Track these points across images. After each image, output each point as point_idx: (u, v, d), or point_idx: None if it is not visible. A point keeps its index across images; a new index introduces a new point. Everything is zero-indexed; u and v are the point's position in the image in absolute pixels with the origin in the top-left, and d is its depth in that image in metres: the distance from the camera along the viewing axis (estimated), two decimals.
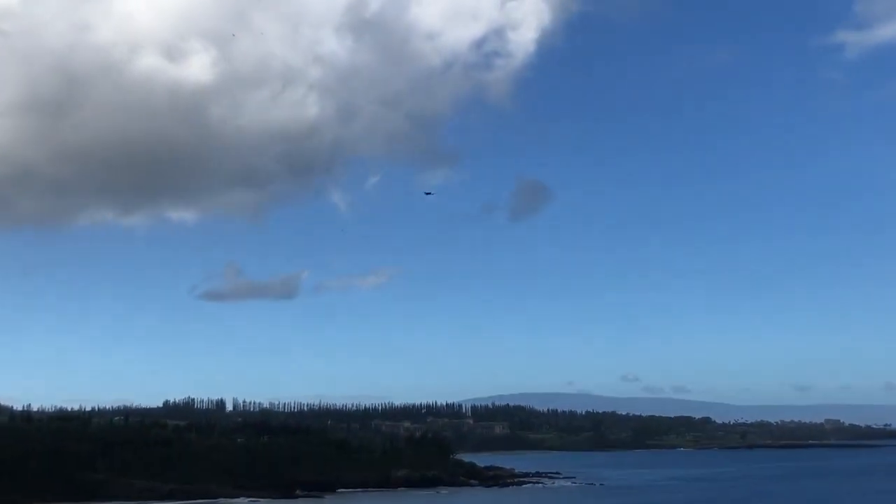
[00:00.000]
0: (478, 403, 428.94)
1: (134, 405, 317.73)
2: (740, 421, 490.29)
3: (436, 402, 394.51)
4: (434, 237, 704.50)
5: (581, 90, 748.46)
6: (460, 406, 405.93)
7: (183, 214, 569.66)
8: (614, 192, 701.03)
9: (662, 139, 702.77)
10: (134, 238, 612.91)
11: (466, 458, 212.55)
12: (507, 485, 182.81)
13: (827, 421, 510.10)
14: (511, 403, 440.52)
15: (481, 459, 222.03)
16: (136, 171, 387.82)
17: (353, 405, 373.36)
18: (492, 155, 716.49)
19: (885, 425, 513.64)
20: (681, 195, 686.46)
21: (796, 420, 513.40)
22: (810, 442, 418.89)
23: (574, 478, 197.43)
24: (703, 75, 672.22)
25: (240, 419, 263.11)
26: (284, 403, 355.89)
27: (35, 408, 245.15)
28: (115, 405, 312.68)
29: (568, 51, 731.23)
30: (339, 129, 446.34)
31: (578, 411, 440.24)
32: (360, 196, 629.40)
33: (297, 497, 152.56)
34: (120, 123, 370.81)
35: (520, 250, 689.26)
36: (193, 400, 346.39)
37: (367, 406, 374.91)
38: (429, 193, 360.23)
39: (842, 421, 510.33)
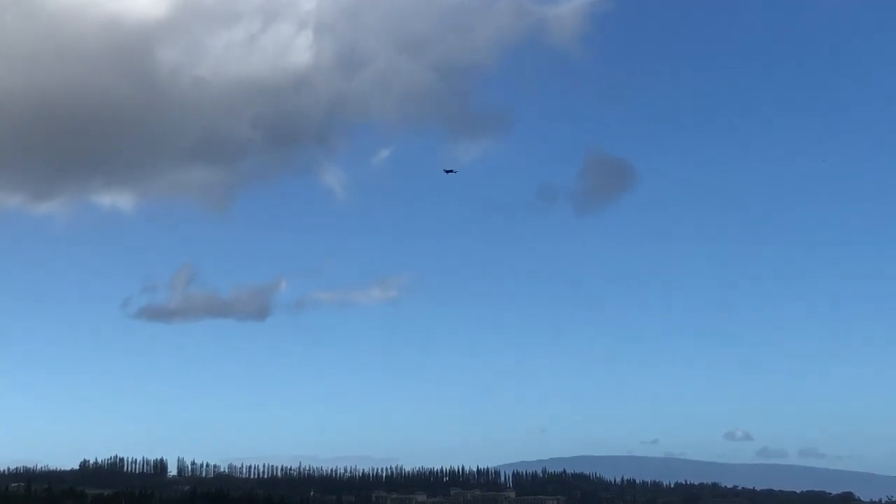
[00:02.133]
0: (522, 469, 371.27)
1: (40, 467, 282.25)
2: (894, 498, 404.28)
3: (463, 468, 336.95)
4: (465, 234, 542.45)
5: (679, 31, 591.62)
6: (497, 473, 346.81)
7: (118, 200, 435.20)
8: (723, 175, 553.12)
9: (793, 98, 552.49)
10: (48, 232, 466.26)
11: None
12: None
13: None
14: (569, 470, 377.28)
15: None
16: (53, 140, 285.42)
17: (346, 470, 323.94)
18: (552, 120, 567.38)
19: None
20: (817, 182, 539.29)
21: None
22: None
23: None
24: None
25: (187, 487, 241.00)
26: (250, 466, 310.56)
27: None
28: (15, 467, 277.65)
29: None
30: (339, 84, 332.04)
31: (665, 482, 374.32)
32: (365, 176, 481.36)
33: None
34: (32, 75, 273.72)
35: (587, 254, 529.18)
36: (123, 460, 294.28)
37: (367, 472, 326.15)
38: (451, 171, 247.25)
39: None
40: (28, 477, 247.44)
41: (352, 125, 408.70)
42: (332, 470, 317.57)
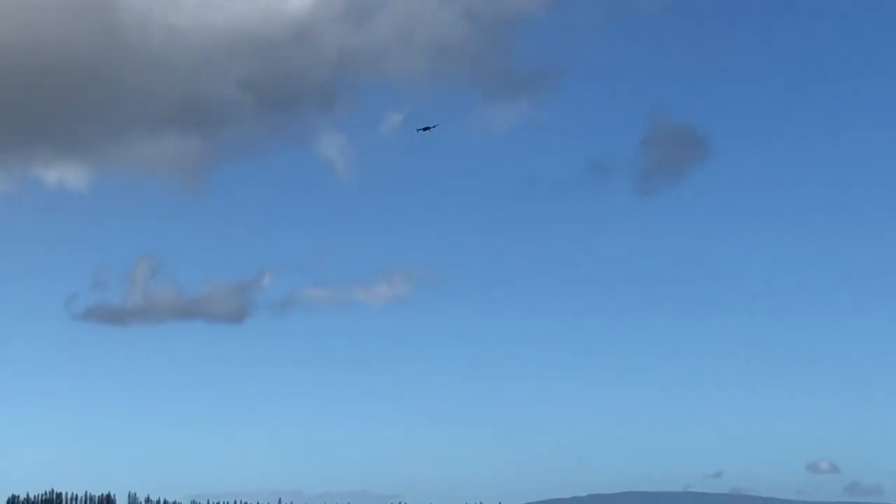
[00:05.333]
0: None
1: None
2: None
3: None
4: (497, 219, 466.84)
5: None
6: None
7: (67, 175, 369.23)
8: (816, 149, 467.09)
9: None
10: None
11: None
12: None
13: None
14: None
15: None
16: None
17: None
18: (608, 80, 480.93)
19: None
20: None
21: None
22: None
23: None
24: None
25: None
26: (221, 500, 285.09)
27: None
28: None
29: None
30: (346, 36, 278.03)
31: None
32: (374, 147, 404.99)
33: None
34: None
35: (647, 243, 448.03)
36: (61, 496, 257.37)
37: None
38: (427, 128, 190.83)
39: None
40: None
41: (361, 85, 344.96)
42: None
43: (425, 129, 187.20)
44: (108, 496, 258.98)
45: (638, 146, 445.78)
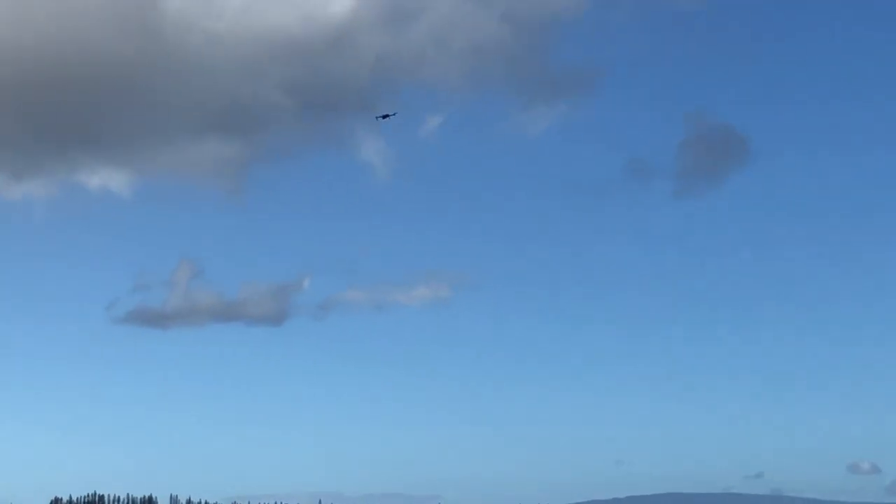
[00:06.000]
0: None
1: None
2: None
3: None
4: (535, 221, 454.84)
5: None
6: None
7: (110, 180, 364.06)
8: (861, 155, 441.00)
9: None
10: (25, 218, 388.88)
11: None
12: None
13: None
14: None
15: None
16: (37, 109, 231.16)
17: None
18: (647, 81, 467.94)
19: None
20: None
21: None
22: None
23: None
24: None
25: None
26: (261, 501, 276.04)
27: None
28: None
29: None
30: (385, 39, 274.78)
31: None
32: (412, 149, 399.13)
33: None
34: (13, 32, 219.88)
35: (685, 245, 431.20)
36: (102, 498, 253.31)
37: None
38: (385, 116, 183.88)
39: None
40: None
41: (400, 88, 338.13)
42: None
43: (384, 116, 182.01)
44: (150, 498, 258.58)
45: (676, 148, 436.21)
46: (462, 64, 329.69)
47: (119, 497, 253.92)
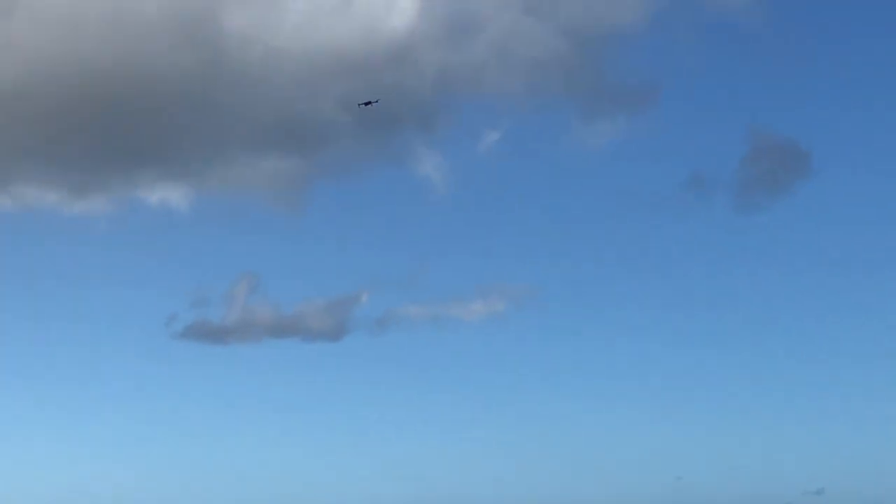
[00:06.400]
0: None
1: None
2: None
3: None
4: (593, 235, 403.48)
5: None
6: None
7: (169, 196, 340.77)
8: None
9: None
10: (85, 235, 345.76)
11: None
12: None
13: None
14: None
15: None
16: (97, 125, 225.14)
17: None
18: (708, 95, 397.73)
19: None
20: None
21: None
22: None
23: None
24: None
25: None
26: None
27: None
28: None
29: None
30: (446, 54, 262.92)
31: None
32: (471, 164, 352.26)
33: None
34: (73, 48, 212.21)
35: (747, 260, 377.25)
36: None
37: None
38: (367, 103, 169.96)
39: None
40: None
41: (459, 103, 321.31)
42: None
43: (367, 103, 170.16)
44: None
45: (738, 161, 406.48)
46: (522, 78, 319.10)
47: None
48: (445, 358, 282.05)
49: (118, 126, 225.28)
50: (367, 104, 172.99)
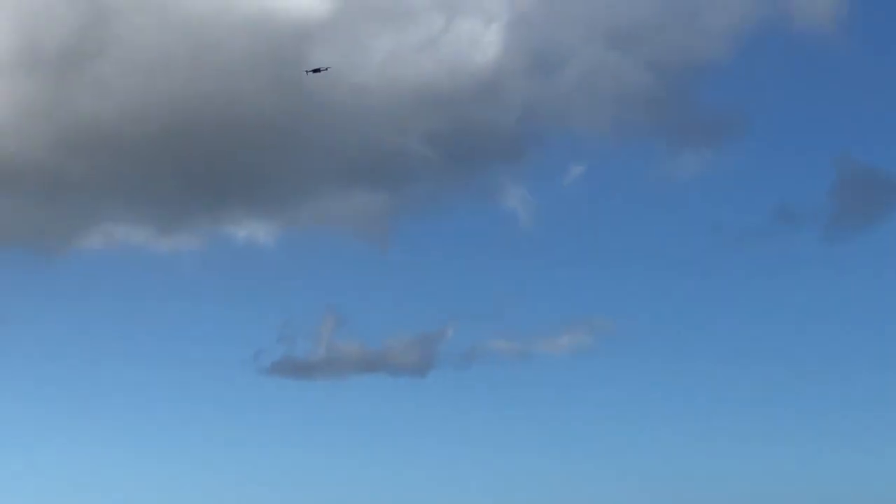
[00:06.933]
0: None
1: None
2: None
3: None
4: (681, 267, 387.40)
5: None
6: None
7: (256, 232, 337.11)
8: None
9: None
10: (174, 271, 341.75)
11: None
12: None
13: None
14: None
15: None
16: (181, 162, 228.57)
17: None
18: (796, 126, 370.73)
19: None
20: None
21: None
22: None
23: None
24: None
25: None
26: None
27: None
28: None
29: None
30: (531, 88, 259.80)
31: None
32: (557, 197, 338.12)
33: None
34: (161, 87, 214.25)
35: (838, 291, 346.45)
36: None
37: None
38: (316, 70, 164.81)
39: None
40: None
41: (545, 137, 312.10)
42: None
43: (315, 70, 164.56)
44: None
45: (826, 192, 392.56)
46: (607, 111, 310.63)
47: None
48: (532, 392, 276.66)
49: (205, 163, 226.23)
50: (316, 71, 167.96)
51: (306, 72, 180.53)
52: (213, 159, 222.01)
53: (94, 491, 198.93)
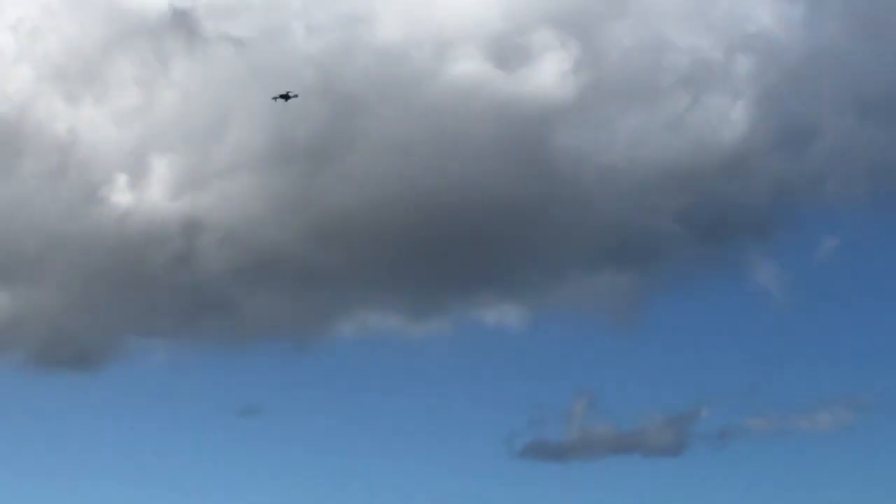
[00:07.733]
0: None
1: None
2: None
3: None
4: None
5: None
6: None
7: (505, 316, 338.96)
8: None
9: None
10: (424, 355, 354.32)
11: None
12: None
13: None
14: None
15: None
16: (431, 248, 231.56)
17: None
18: None
19: None
20: None
21: None
22: None
23: None
24: None
25: None
26: None
27: None
28: None
29: None
30: (782, 162, 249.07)
31: None
32: (810, 272, 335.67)
33: None
34: (408, 174, 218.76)
35: None
36: None
37: None
38: (283, 97, 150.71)
39: None
40: None
41: (797, 212, 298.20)
42: None
43: (284, 97, 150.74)
44: None
45: None
46: (861, 183, 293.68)
47: None
48: (790, 471, 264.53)
49: (454, 249, 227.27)
50: (284, 97, 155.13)
51: (273, 98, 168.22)
52: (461, 244, 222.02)
53: None
